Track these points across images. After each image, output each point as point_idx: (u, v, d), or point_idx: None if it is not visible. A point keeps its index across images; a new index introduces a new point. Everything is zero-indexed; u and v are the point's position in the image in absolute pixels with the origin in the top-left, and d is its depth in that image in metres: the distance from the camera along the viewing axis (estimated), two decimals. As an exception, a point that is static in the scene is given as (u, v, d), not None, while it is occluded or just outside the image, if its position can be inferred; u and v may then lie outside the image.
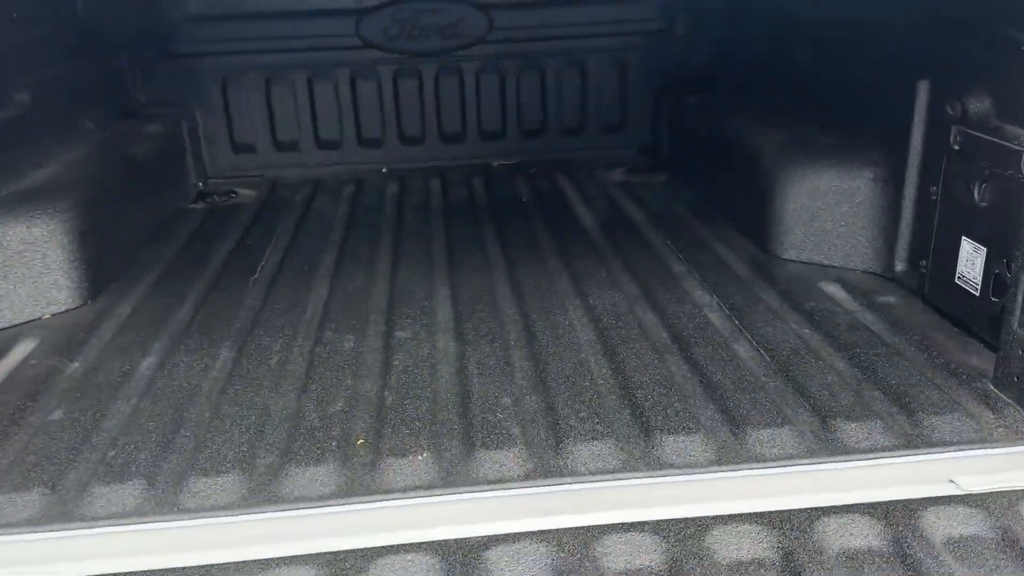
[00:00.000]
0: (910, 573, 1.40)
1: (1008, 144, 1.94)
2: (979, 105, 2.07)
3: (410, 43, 3.84)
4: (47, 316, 2.48)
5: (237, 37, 3.78)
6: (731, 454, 1.72)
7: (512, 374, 2.06)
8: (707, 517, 1.53)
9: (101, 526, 1.57)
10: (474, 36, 3.86)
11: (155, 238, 3.12)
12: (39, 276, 2.45)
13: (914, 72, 2.29)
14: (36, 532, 1.56)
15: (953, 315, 2.19)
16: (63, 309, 2.50)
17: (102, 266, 2.67)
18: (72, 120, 3.17)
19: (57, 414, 1.95)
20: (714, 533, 1.49)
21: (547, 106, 4.03)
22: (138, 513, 1.60)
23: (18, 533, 1.56)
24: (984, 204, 2.04)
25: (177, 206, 3.49)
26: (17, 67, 2.85)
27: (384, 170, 4.00)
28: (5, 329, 2.39)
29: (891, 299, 2.39)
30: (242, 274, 2.77)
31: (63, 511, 1.61)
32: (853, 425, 1.79)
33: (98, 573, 1.46)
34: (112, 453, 1.78)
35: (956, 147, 2.14)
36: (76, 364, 2.20)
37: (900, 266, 2.47)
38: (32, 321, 2.45)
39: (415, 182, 3.80)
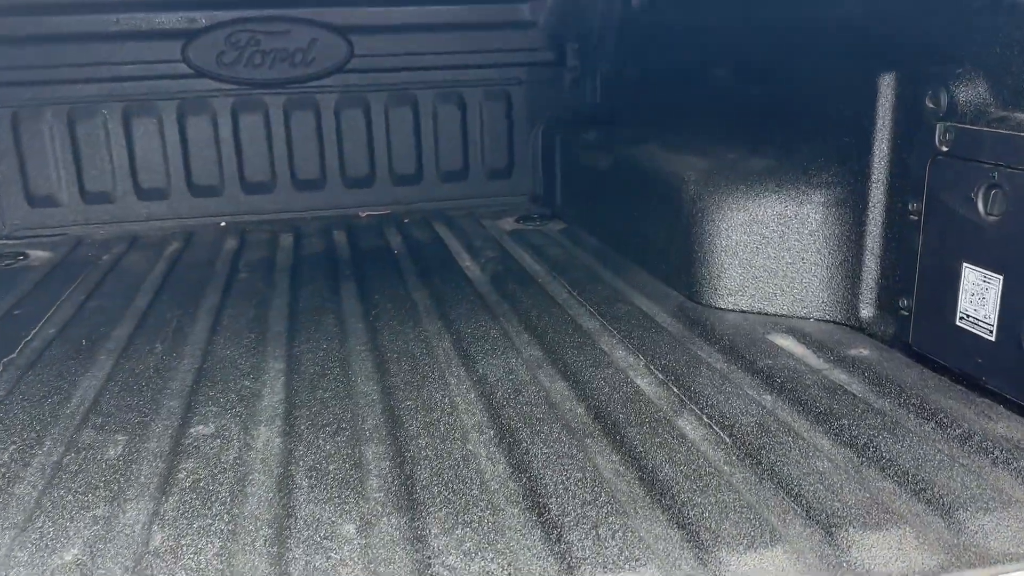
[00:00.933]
0: None
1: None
2: (972, 91, 1.59)
3: (251, 71, 3.18)
4: None
5: (33, 64, 3.02)
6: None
7: (362, 483, 1.37)
8: None
9: None
10: (331, 63, 3.24)
11: None
12: None
13: (873, 64, 1.82)
14: None
15: (956, 368, 1.66)
16: None
17: None
18: None
19: None
20: None
21: (422, 147, 3.44)
22: None
23: None
24: (994, 218, 1.53)
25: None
26: None
27: (222, 223, 3.27)
28: None
29: (863, 352, 1.85)
30: (-10, 354, 1.98)
31: None
32: (872, 536, 1.19)
33: None
34: None
35: (944, 148, 1.64)
36: None
37: (868, 310, 1.94)
38: None
39: (260, 237, 3.09)
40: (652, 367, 1.79)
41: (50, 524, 1.28)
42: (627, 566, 1.13)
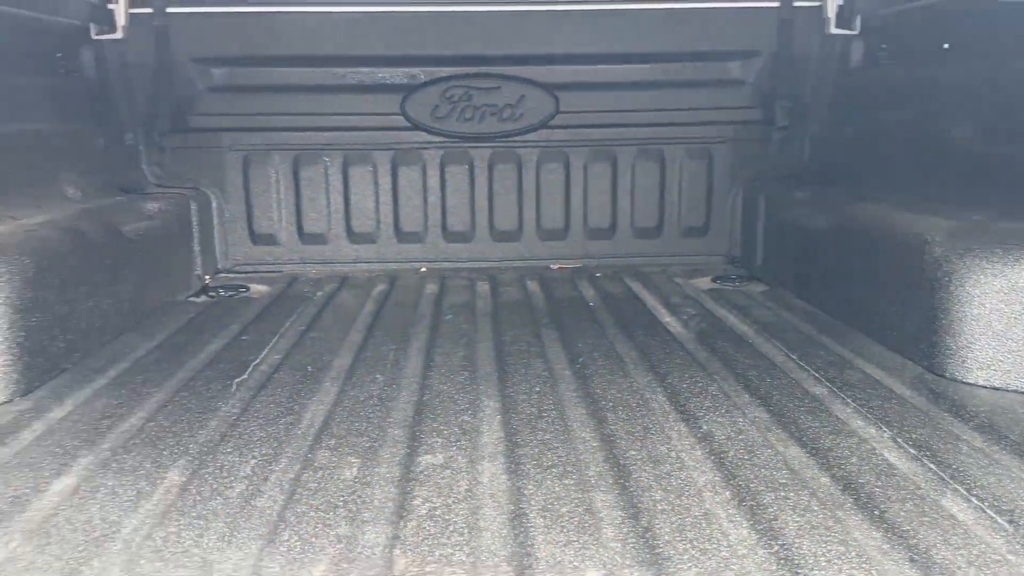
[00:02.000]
0: None
1: None
2: None
3: (462, 125, 3.31)
4: (-46, 413, 1.81)
5: (265, 111, 3.29)
6: None
7: (598, 530, 1.31)
8: None
9: None
10: (537, 119, 3.32)
11: (128, 330, 2.49)
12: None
13: None
14: None
15: None
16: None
17: (44, 354, 2.02)
18: (52, 184, 2.64)
19: None
20: None
21: (618, 203, 3.43)
22: None
23: None
24: None
25: (171, 298, 2.88)
26: None
27: (423, 269, 3.38)
28: None
29: None
30: (225, 375, 2.10)
31: None
32: None
33: None
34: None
35: None
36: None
37: None
38: (-68, 418, 1.78)
39: (458, 283, 3.16)
40: (900, 440, 1.63)
41: (296, 539, 1.30)
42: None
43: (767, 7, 3.23)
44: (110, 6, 2.92)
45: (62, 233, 2.25)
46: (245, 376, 2.09)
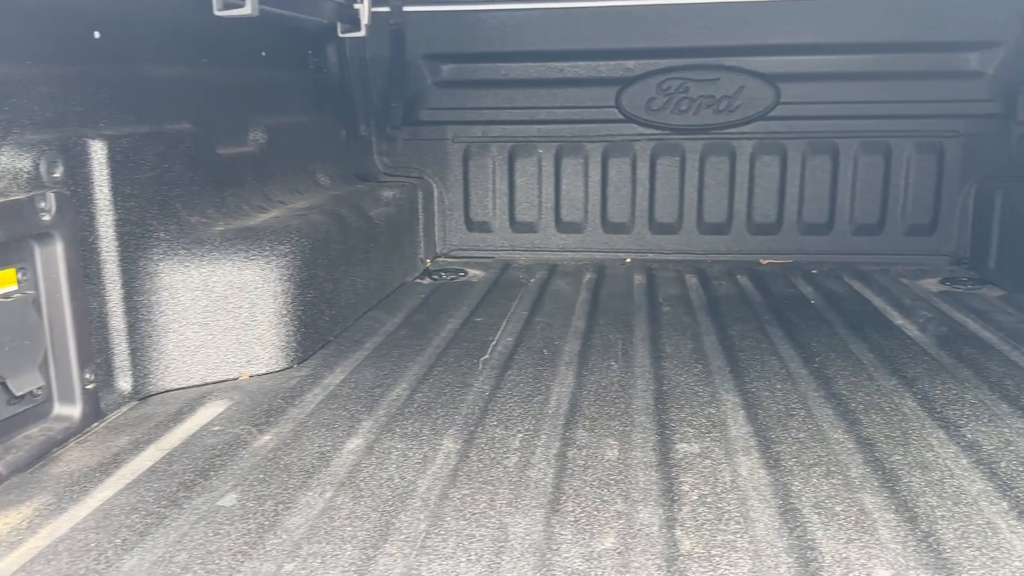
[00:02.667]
0: None
1: None
2: None
3: (677, 117, 3.33)
4: (245, 376, 2.06)
5: (486, 105, 3.45)
6: None
7: (875, 530, 1.32)
8: None
9: None
10: (755, 111, 3.28)
11: (375, 307, 2.71)
12: (244, 328, 2.05)
13: None
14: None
15: None
16: (264, 370, 2.08)
17: (315, 327, 2.26)
18: (308, 172, 2.91)
19: (229, 499, 1.45)
20: None
21: (836, 197, 3.33)
22: None
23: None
24: None
25: (403, 279, 3.10)
26: (260, 105, 2.62)
27: (628, 260, 3.44)
28: (196, 387, 2.00)
29: None
30: (470, 353, 2.25)
31: None
32: None
33: None
34: (289, 567, 1.23)
35: None
36: (267, 437, 1.72)
37: None
38: (227, 380, 2.04)
39: (666, 275, 3.19)
40: None
41: (579, 510, 1.40)
42: None
43: None
44: (356, 6, 3.17)
45: (328, 217, 2.49)
46: (487, 355, 2.23)
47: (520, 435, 1.71)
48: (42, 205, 1.60)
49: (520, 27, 3.30)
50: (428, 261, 3.44)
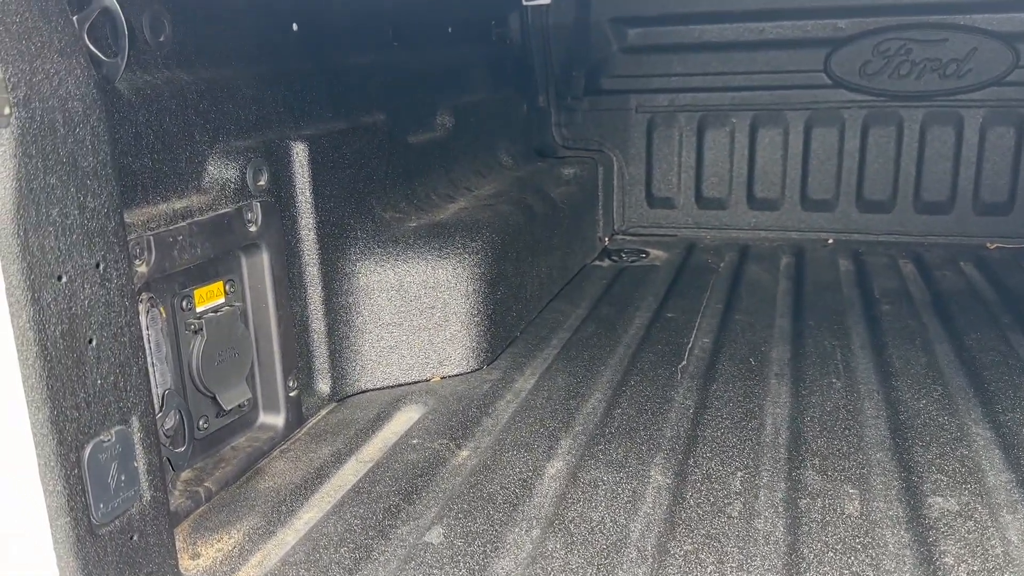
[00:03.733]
0: None
1: None
2: None
3: (895, 82, 2.95)
4: (437, 378, 2.00)
5: (675, 72, 3.20)
6: None
7: None
8: None
9: None
10: (989, 76, 2.85)
11: (557, 296, 2.59)
12: (436, 328, 1.99)
13: None
14: None
15: None
16: (456, 372, 2.02)
17: (503, 324, 2.17)
18: (491, 152, 2.80)
19: (436, 534, 1.38)
20: None
21: (1087, 175, 2.86)
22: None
23: None
24: None
25: (582, 262, 2.96)
26: (447, 86, 2.52)
27: (830, 241, 3.13)
28: (390, 388, 1.96)
29: None
30: (665, 357, 2.09)
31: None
32: None
33: None
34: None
35: None
36: (465, 452, 1.65)
37: None
38: (419, 383, 1.99)
39: (876, 260, 2.87)
40: None
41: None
42: None
43: None
44: (541, -30, 2.99)
45: (515, 207, 2.38)
46: (684, 362, 2.06)
47: (740, 473, 1.54)
48: (249, 216, 1.57)
49: None
50: (606, 239, 3.27)
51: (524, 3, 3.01)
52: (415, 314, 1.96)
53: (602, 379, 1.98)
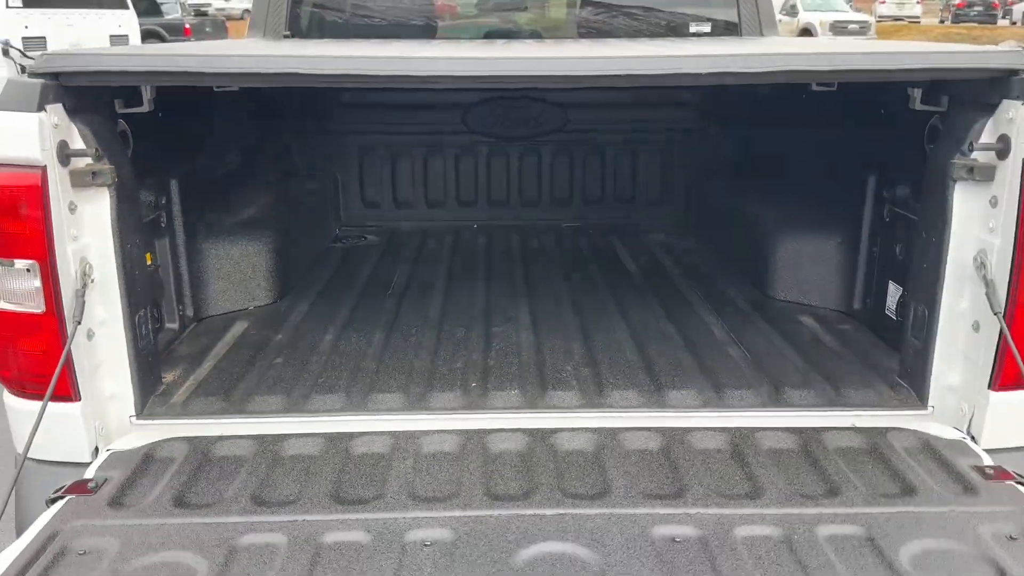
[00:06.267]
0: (810, 463, 2.34)
1: (915, 218, 2.90)
2: (902, 192, 3.06)
3: (504, 129, 5.00)
4: (252, 307, 3.59)
5: (374, 122, 4.98)
6: (714, 403, 2.68)
7: (572, 354, 3.07)
8: (691, 427, 2.51)
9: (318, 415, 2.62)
10: (553, 127, 5.00)
11: (314, 263, 4.26)
12: (248, 279, 3.57)
13: (865, 170, 3.30)
14: (279, 417, 2.62)
15: (883, 335, 3.14)
16: (263, 303, 3.62)
17: (286, 276, 3.80)
18: (262, 175, 4.38)
19: (278, 360, 3.03)
20: (695, 435, 2.46)
21: (605, 182, 5.12)
22: (339, 411, 2.64)
23: (271, 416, 2.62)
24: (901, 258, 3.01)
25: (325, 244, 4.64)
26: (232, 136, 4.06)
27: (475, 226, 5.11)
28: (225, 314, 3.51)
29: (846, 327, 3.34)
30: (380, 289, 3.87)
31: (294, 408, 2.67)
32: (797, 392, 2.74)
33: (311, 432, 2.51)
34: (321, 380, 2.84)
35: (887, 219, 3.13)
36: (280, 335, 3.29)
37: (856, 305, 3.43)
38: (242, 310, 3.56)
39: (500, 236, 4.89)
40: (723, 325, 3.37)
41: (446, 354, 3.08)
42: (682, 388, 2.75)
43: None
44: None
45: (283, 206, 4.01)
46: (391, 291, 3.84)
47: (416, 328, 3.36)
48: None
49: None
50: (337, 229, 4.98)
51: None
52: (235, 273, 3.53)
53: (347, 301, 3.68)
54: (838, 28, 33.95)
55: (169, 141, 3.12)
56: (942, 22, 50.95)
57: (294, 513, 2.08)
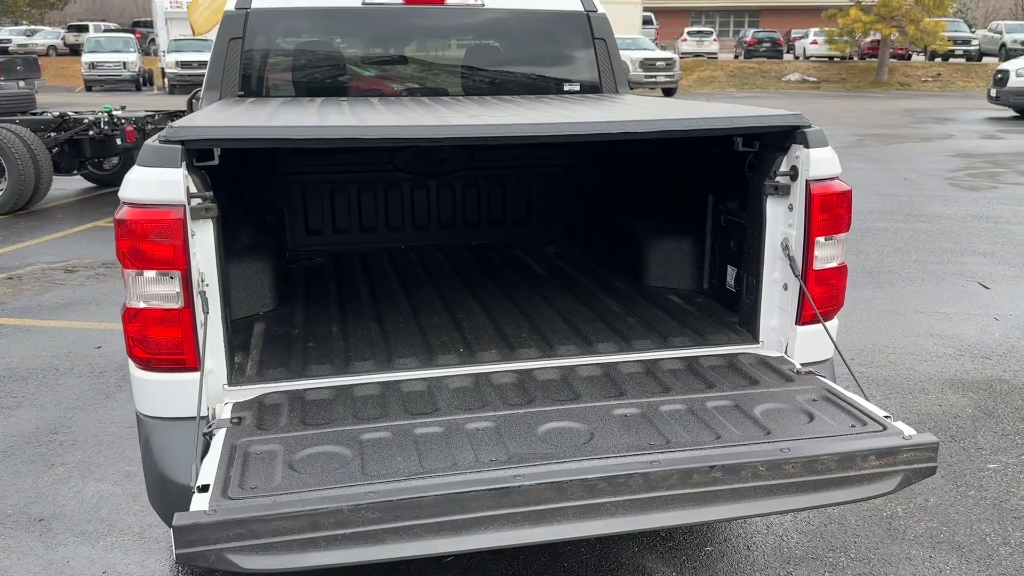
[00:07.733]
0: (695, 375, 3.71)
1: (743, 221, 4.38)
2: (732, 205, 4.56)
3: (423, 168, 6.18)
4: (261, 312, 4.55)
5: (316, 163, 6.01)
6: (627, 348, 4.00)
7: (522, 328, 4.30)
8: (616, 362, 3.81)
9: (363, 375, 3.70)
10: (462, 165, 6.24)
11: (286, 279, 5.24)
12: (257, 291, 4.54)
13: (707, 191, 4.78)
14: (336, 378, 3.66)
15: (726, 304, 4.61)
16: (268, 310, 4.58)
17: (282, 287, 4.78)
18: (241, 210, 5.30)
19: (311, 344, 4.05)
20: (620, 366, 3.77)
21: (506, 207, 6.42)
22: (377, 371, 3.73)
23: (329, 378, 3.66)
24: (735, 249, 4.49)
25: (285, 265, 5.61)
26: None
27: (403, 246, 6.24)
28: (245, 318, 4.45)
29: (700, 300, 4.80)
30: (354, 295, 4.93)
31: (343, 371, 3.72)
32: (678, 338, 4.11)
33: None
34: (351, 353, 3.90)
35: (723, 224, 4.62)
36: (298, 330, 4.29)
37: (706, 285, 4.90)
38: (254, 315, 4.51)
39: (426, 253, 6.05)
40: (611, 303, 4.73)
41: (393, 342, 4.23)
42: (572, 344, 4.05)
43: None
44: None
45: (269, 236, 4.99)
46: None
47: (372, 311, 4.47)
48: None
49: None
50: (288, 253, 5.94)
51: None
52: (249, 287, 4.48)
53: (332, 313, 4.72)
54: (647, 65, 37.38)
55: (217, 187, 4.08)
56: (736, 57, 56.97)
57: (387, 421, 3.17)
